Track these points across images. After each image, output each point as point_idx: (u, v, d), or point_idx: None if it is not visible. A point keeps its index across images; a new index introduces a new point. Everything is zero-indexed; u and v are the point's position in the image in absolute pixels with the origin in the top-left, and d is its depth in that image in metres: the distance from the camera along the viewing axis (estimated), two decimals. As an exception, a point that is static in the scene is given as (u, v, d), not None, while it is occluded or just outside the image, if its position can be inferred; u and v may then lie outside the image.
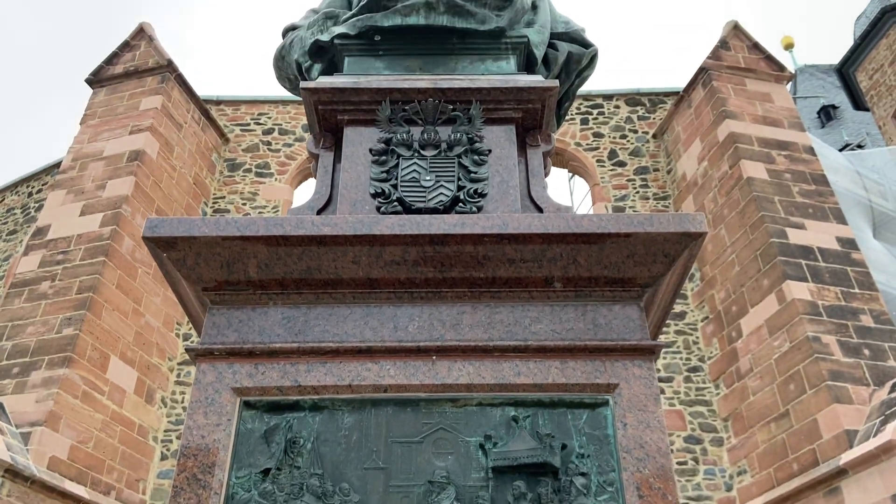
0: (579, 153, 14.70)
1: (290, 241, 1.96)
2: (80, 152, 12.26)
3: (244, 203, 14.09)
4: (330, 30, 2.89)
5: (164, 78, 13.06)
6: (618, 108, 15.13)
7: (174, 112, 13.14)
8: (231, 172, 14.49)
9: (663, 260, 1.96)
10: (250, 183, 14.38)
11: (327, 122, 2.63)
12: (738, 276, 11.15)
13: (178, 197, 12.81)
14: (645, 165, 14.27)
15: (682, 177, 13.44)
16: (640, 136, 14.68)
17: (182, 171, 13.06)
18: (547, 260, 1.98)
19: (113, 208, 11.23)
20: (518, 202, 2.39)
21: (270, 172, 14.54)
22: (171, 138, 12.89)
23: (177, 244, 1.93)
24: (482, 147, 2.47)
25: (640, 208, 13.80)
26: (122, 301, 10.81)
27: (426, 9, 2.78)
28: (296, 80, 3.16)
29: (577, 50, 3.04)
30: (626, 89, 15.40)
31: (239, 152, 14.80)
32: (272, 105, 15.23)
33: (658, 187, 14.03)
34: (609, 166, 14.37)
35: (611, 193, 14.09)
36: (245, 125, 15.12)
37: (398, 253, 1.98)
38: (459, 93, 2.56)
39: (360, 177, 2.45)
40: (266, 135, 14.98)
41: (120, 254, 10.99)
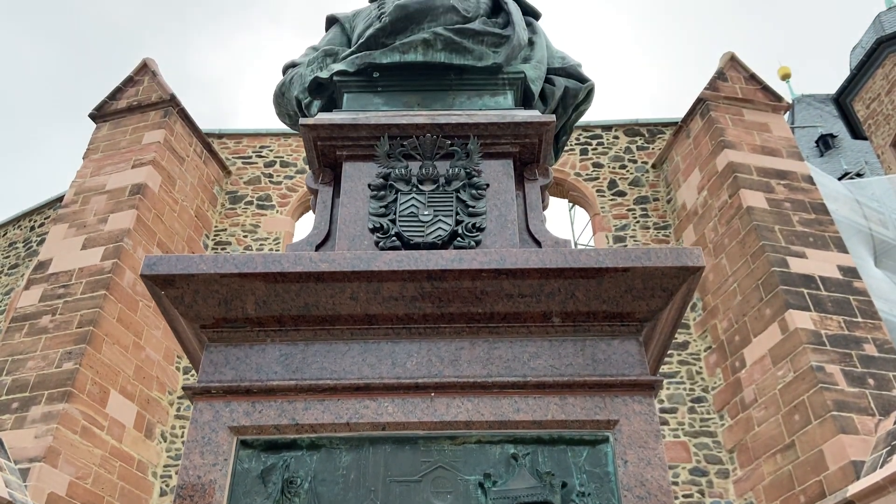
0: (579, 183, 14.77)
1: (288, 278, 1.96)
2: (82, 186, 12.34)
3: (245, 235, 14.13)
4: (329, 67, 2.93)
5: (166, 112, 13.19)
6: (617, 138, 15.24)
7: (176, 146, 13.25)
8: (233, 205, 14.56)
9: (661, 294, 1.95)
10: (252, 215, 14.44)
11: (326, 157, 2.66)
12: (740, 306, 11.12)
13: (179, 230, 12.85)
14: (645, 195, 14.32)
15: (682, 206, 13.48)
16: (639, 166, 14.76)
17: (184, 204, 13.12)
18: (545, 295, 1.98)
19: (114, 242, 11.26)
20: (516, 236, 2.40)
21: (272, 204, 14.61)
22: (174, 172, 12.97)
23: (175, 282, 1.94)
24: (480, 181, 2.48)
25: (640, 238, 13.82)
26: (122, 334, 10.78)
27: (424, 46, 2.82)
28: (295, 116, 3.20)
29: (573, 85, 3.07)
30: (624, 120, 15.53)
31: (241, 185, 14.88)
32: (274, 138, 15.37)
33: (658, 217, 14.06)
34: (609, 196, 14.43)
35: (611, 223, 14.12)
36: (247, 158, 15.23)
37: (396, 289, 1.98)
38: (457, 128, 2.58)
39: (359, 212, 2.46)
40: (268, 167, 15.08)
41: (121, 287, 10.99)
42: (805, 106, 28.70)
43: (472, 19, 2.98)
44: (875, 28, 24.87)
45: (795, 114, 27.73)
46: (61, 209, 12.20)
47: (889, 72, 23.51)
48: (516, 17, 3.04)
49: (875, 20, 25.18)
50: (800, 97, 29.38)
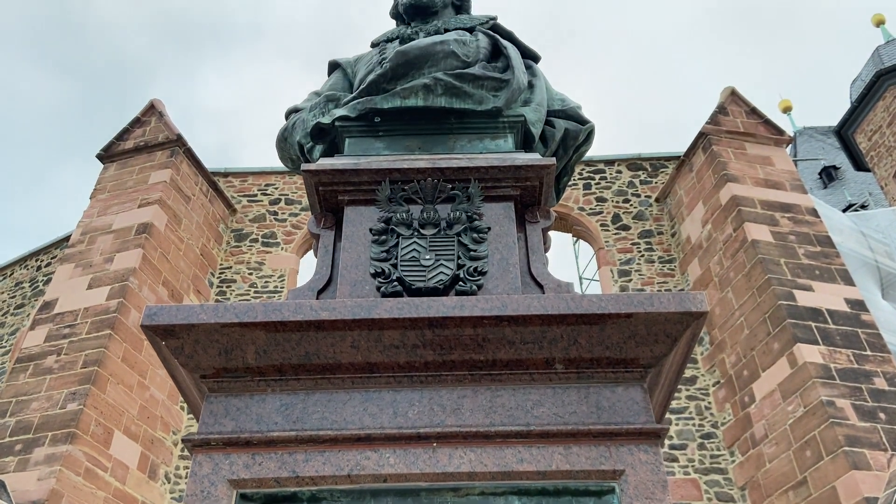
0: (583, 217, 14.79)
1: (289, 327, 1.95)
2: (89, 226, 12.41)
3: (250, 273, 14.15)
4: (331, 112, 2.95)
5: (173, 152, 13.33)
6: (620, 172, 15.30)
7: (183, 185, 13.35)
8: (238, 242, 14.61)
9: (665, 340, 1.94)
10: (257, 252, 14.48)
11: (328, 202, 2.66)
12: (747, 340, 11.02)
13: (185, 268, 12.88)
14: (649, 229, 14.33)
15: (686, 240, 13.46)
16: (642, 199, 14.79)
17: (189, 242, 13.18)
18: (547, 341, 1.96)
19: (120, 281, 11.28)
20: (518, 280, 2.39)
21: (277, 242, 14.66)
22: (180, 211, 13.05)
23: (175, 332, 1.93)
24: (481, 225, 2.48)
25: (645, 272, 13.78)
26: (126, 374, 10.74)
27: (425, 91, 2.85)
28: (298, 160, 3.22)
29: (573, 127, 3.09)
30: (627, 154, 15.62)
31: (246, 222, 14.96)
32: (278, 176, 15.48)
33: (663, 250, 14.04)
34: (613, 230, 14.43)
35: (616, 257, 14.09)
36: (252, 196, 15.34)
37: (397, 337, 1.97)
38: (458, 172, 2.59)
39: (361, 256, 2.46)
40: (273, 205, 15.17)
41: (126, 326, 10.98)
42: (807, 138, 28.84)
43: (472, 64, 3.02)
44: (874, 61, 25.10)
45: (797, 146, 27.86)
46: (68, 249, 12.26)
47: (890, 104, 23.64)
48: (515, 61, 3.07)
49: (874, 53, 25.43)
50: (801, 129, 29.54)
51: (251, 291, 13.88)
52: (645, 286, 13.54)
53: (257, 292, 13.86)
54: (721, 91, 14.32)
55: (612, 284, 13.62)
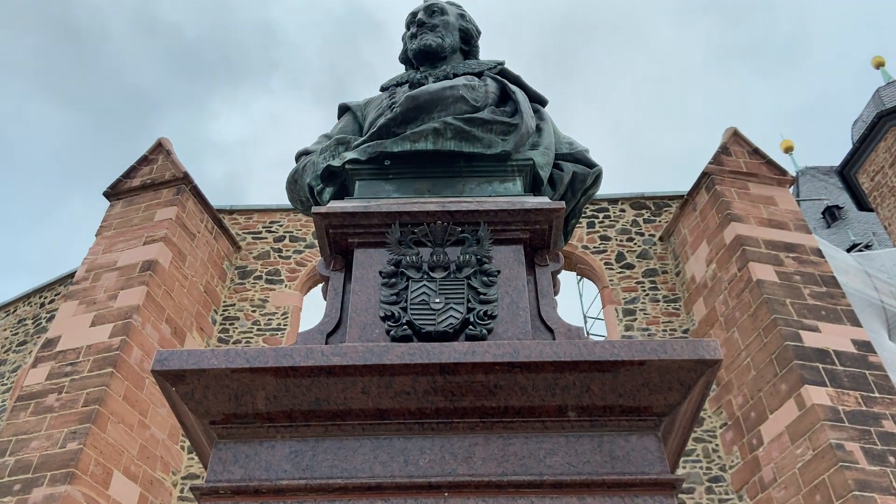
0: (587, 256, 14.80)
1: (299, 372, 1.94)
2: (94, 263, 12.45)
3: (254, 310, 14.13)
4: (342, 155, 2.98)
5: (179, 190, 13.43)
6: (623, 211, 15.34)
7: (188, 222, 13.42)
8: (242, 280, 14.62)
9: (679, 388, 1.92)
10: (260, 290, 14.48)
11: (338, 244, 2.67)
12: (754, 381, 10.93)
13: (188, 306, 12.87)
14: (653, 268, 14.32)
15: (690, 279, 13.44)
16: (646, 238, 14.81)
17: (194, 279, 13.19)
18: (560, 388, 1.95)
19: (123, 318, 11.27)
20: (528, 324, 2.38)
21: (280, 279, 14.66)
22: (184, 248, 13.10)
23: (186, 377, 1.92)
24: (491, 268, 2.48)
25: (650, 311, 13.72)
26: (127, 413, 10.65)
27: (434, 135, 2.88)
28: (308, 202, 3.24)
29: (581, 170, 3.11)
30: (630, 193, 15.67)
31: (250, 260, 14.99)
32: (283, 213, 15.54)
33: (667, 289, 14.00)
34: (617, 269, 14.42)
35: (620, 296, 14.06)
36: (257, 233, 15.39)
37: (408, 383, 1.96)
38: (467, 215, 2.60)
39: (370, 299, 2.46)
40: (277, 242, 15.22)
41: (128, 364, 10.93)
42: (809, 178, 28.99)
43: (481, 108, 3.05)
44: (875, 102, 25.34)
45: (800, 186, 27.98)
46: (72, 286, 12.28)
47: (891, 145, 23.81)
48: (524, 105, 3.10)
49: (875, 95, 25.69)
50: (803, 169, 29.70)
51: (254, 329, 13.84)
52: (650, 325, 13.48)
53: (260, 330, 13.82)
54: (723, 132, 14.45)
55: (617, 323, 13.56)
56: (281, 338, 13.72)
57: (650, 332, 13.36)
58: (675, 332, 13.31)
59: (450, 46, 3.51)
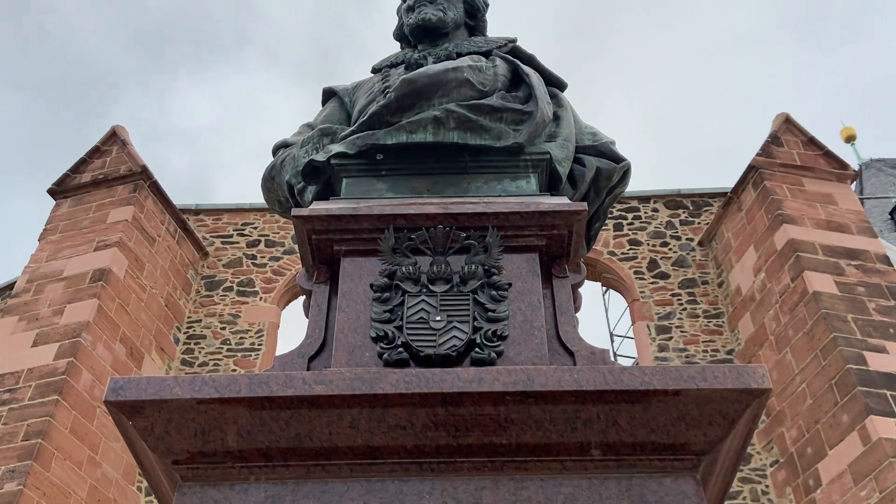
0: (614, 264, 14.80)
1: (277, 403, 1.95)
2: (36, 272, 12.48)
3: (223, 327, 14.15)
4: (326, 148, 3.00)
5: (136, 186, 13.47)
6: (656, 211, 15.35)
7: (147, 224, 13.46)
8: (209, 291, 14.65)
9: (721, 422, 1.93)
10: (231, 303, 14.51)
11: (322, 253, 2.68)
12: (811, 411, 10.91)
13: (147, 322, 12.89)
14: (691, 277, 14.32)
15: (735, 291, 13.45)
16: (683, 243, 14.82)
17: (153, 291, 13.22)
18: (582, 422, 1.96)
19: (71, 337, 11.29)
20: (545, 345, 2.39)
21: (254, 290, 14.70)
22: (142, 254, 13.13)
23: (144, 409, 1.93)
24: (501, 280, 2.49)
25: (688, 328, 13.73)
26: (75, 448, 10.66)
27: (434, 125, 2.89)
28: (287, 202, 3.26)
29: (606, 165, 3.13)
30: (665, 190, 15.70)
31: (219, 268, 15.02)
32: (258, 214, 15.56)
33: (708, 303, 14.00)
34: (649, 279, 14.43)
35: (653, 311, 14.06)
36: (227, 237, 15.43)
37: (404, 415, 1.97)
38: (473, 218, 2.62)
39: (360, 317, 2.47)
40: (250, 247, 15.25)
41: (76, 391, 10.94)
42: (875, 172, 28.96)
43: (489, 94, 3.07)
44: (950, 83, 25.30)
45: (864, 181, 27.96)
46: (11, 299, 12.31)
47: (970, 132, 23.77)
48: (539, 89, 3.12)
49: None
50: (868, 162, 29.68)
51: (223, 350, 13.86)
52: (688, 346, 13.48)
53: (231, 351, 13.84)
54: (774, 118, 14.46)
55: (649, 343, 13.56)
56: (255, 360, 13.74)
57: (688, 354, 13.36)
58: (718, 354, 13.31)
59: (453, 21, 3.53)
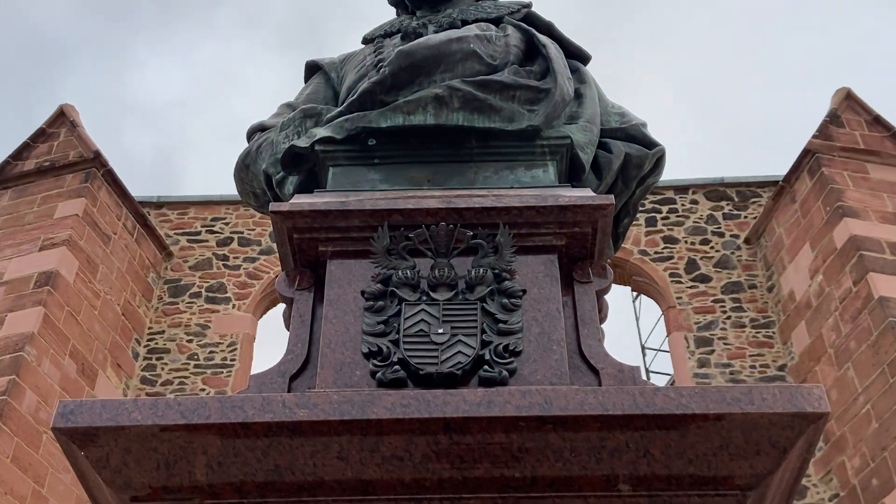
0: (646, 265, 14.80)
1: (253, 431, 1.96)
2: (-28, 275, 12.51)
3: (190, 340, 14.19)
4: (310, 132, 3.01)
5: (88, 175, 13.50)
6: (696, 203, 15.36)
7: (101, 219, 13.49)
8: (173, 298, 14.68)
9: (770, 451, 1.93)
10: (199, 312, 14.55)
11: (305, 254, 2.69)
12: (876, 436, 10.91)
13: (101, 333, 12.92)
14: (737, 280, 14.33)
15: (788, 296, 13.44)
16: (727, 240, 14.82)
17: (108, 297, 13.25)
18: (608, 452, 1.96)
19: (12, 351, 11.32)
20: (565, 362, 2.40)
21: (226, 297, 14.73)
22: (96, 254, 13.16)
23: (98, 437, 1.94)
24: (513, 287, 2.50)
25: (732, 340, 13.73)
26: (17, 480, 10.69)
27: (436, 104, 2.90)
28: (264, 195, 3.27)
29: (636, 151, 3.13)
30: (706, 178, 15.70)
31: (185, 270, 15.05)
32: (230, 207, 15.55)
33: (757, 310, 14.01)
34: (688, 282, 14.43)
35: (692, 319, 14.07)
36: (194, 234, 15.45)
37: (401, 444, 1.97)
38: (481, 214, 2.62)
39: (349, 329, 2.48)
40: (221, 246, 15.26)
41: (19, 414, 10.97)
42: (951, 156, 28.91)
43: (500, 68, 3.08)
44: None
45: (938, 166, 27.91)
46: (-58, 307, 12.33)
47: None
48: (558, 63, 3.13)
49: None
50: (943, 144, 29.63)
51: (190, 366, 13.90)
52: (732, 360, 13.48)
53: (199, 367, 13.88)
54: (833, 93, 14.44)
55: (688, 358, 13.57)
56: (227, 377, 13.78)
57: (732, 370, 13.36)
58: (767, 370, 13.31)
59: (457, -19, 3.54)
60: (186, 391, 13.49)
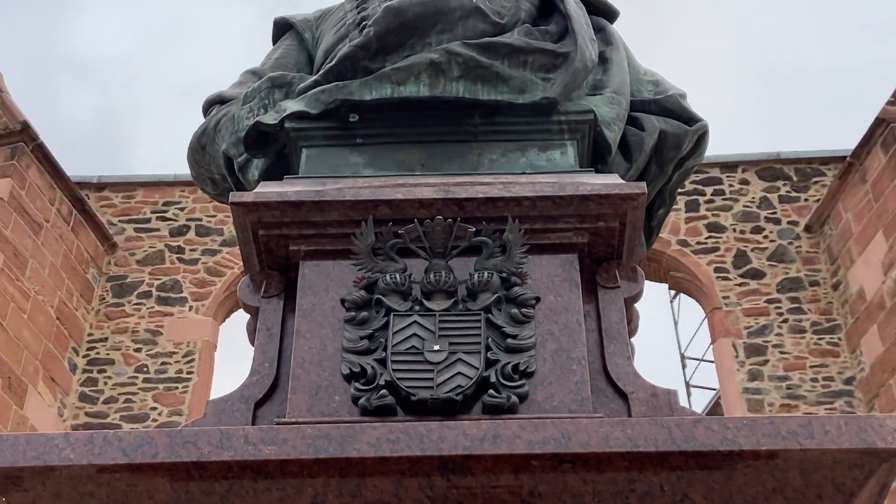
0: (686, 258, 14.78)
1: (210, 472, 1.96)
2: None
3: (138, 349, 14.18)
4: (279, 106, 3.00)
5: (15, 151, 13.47)
6: (747, 183, 15.32)
7: (30, 204, 13.47)
8: (118, 299, 14.66)
9: (834, 496, 1.94)
10: (149, 315, 14.52)
11: (274, 255, 2.69)
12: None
13: (31, 341, 12.92)
14: (795, 276, 14.31)
15: (857, 295, 13.44)
16: (784, 228, 14.79)
17: (40, 298, 13.25)
18: (638, 497, 1.97)
19: (-75, 363, 11.33)
20: (586, 386, 2.40)
21: (182, 297, 14.70)
22: (24, 246, 13.15)
23: (23, 480, 1.93)
24: (525, 294, 2.50)
25: (790, 348, 13.72)
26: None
27: (432, 72, 2.89)
28: (224, 182, 3.26)
29: (674, 128, 3.12)
30: (759, 154, 15.67)
31: (132, 265, 15.02)
32: (185, 189, 15.45)
33: (819, 312, 14.00)
34: (736, 278, 14.42)
35: (741, 323, 14.06)
36: (142, 222, 15.39)
37: (389, 488, 1.98)
38: (486, 205, 2.62)
39: (327, 346, 2.48)
40: (175, 236, 15.22)
41: (-67, 438, 10.99)
42: None
43: (508, 28, 3.07)
44: None
45: None
46: None
47: None
48: (578, 21, 3.11)
49: None
50: None
51: (139, 380, 13.89)
52: (790, 372, 13.49)
53: (149, 382, 13.87)
54: (911, 51, 14.42)
55: (736, 370, 13.57)
56: (184, 393, 13.79)
57: (790, 384, 13.36)
58: (832, 384, 13.32)
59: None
60: (134, 410, 13.50)
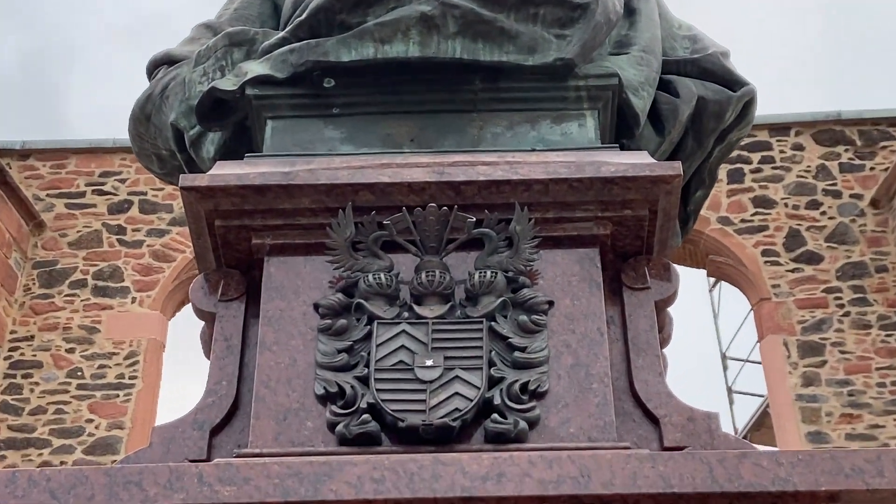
0: (728, 238, 14.79)
1: (157, 518, 1.95)
2: None
3: (70, 349, 14.20)
4: (239, 68, 2.99)
5: (-79, 112, 13.49)
6: (800, 149, 15.34)
7: (-61, 176, 13.50)
8: (46, 289, 14.67)
9: (907, 546, 1.93)
10: (83, 309, 14.54)
11: (233, 250, 2.70)
12: None
13: (-59, 341, 12.96)
14: (859, 261, 14.33)
15: (933, 284, 13.48)
16: (846, 203, 14.80)
17: (-49, 289, 13.28)
18: (671, 546, 1.96)
19: None
20: (610, 408, 2.40)
21: (123, 287, 14.72)
22: (-67, 227, 13.18)
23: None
24: (535, 298, 2.50)
25: (853, 346, 13.75)
26: None
27: (423, 28, 2.88)
28: (172, 158, 3.26)
29: (714, 94, 3.12)
30: (816, 113, 15.68)
31: (63, 249, 15.02)
32: (126, 157, 15.39)
33: (888, 304, 14.03)
34: (787, 264, 14.44)
35: (794, 316, 14.09)
36: (76, 196, 15.39)
37: (374, 537, 1.97)
38: (489, 190, 2.62)
39: (297, 360, 2.49)
40: (115, 214, 15.22)
41: None
42: None
43: None
44: None
45: None
46: None
47: None
48: None
49: None
50: None
51: (72, 386, 13.91)
52: (852, 376, 13.52)
53: (84, 388, 13.89)
54: None
55: (789, 372, 13.61)
56: (126, 402, 13.81)
57: (852, 389, 13.40)
58: (904, 390, 13.34)
59: None
60: (66, 423, 13.52)
